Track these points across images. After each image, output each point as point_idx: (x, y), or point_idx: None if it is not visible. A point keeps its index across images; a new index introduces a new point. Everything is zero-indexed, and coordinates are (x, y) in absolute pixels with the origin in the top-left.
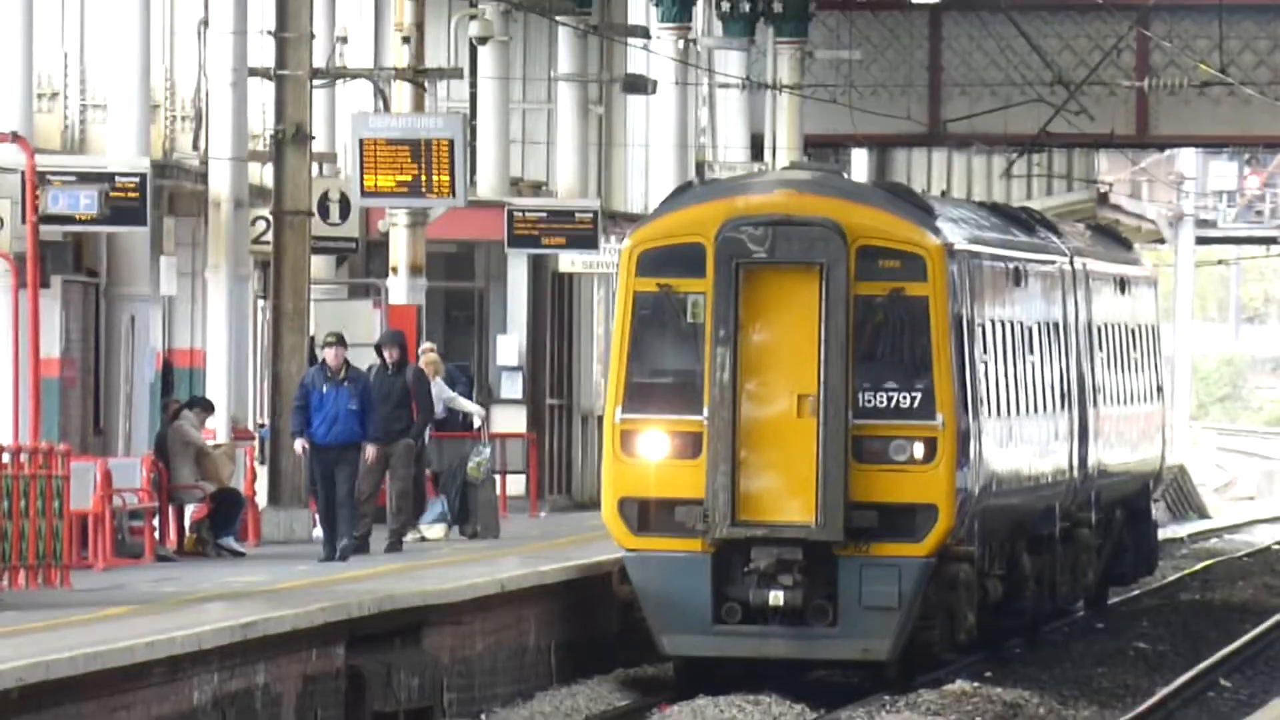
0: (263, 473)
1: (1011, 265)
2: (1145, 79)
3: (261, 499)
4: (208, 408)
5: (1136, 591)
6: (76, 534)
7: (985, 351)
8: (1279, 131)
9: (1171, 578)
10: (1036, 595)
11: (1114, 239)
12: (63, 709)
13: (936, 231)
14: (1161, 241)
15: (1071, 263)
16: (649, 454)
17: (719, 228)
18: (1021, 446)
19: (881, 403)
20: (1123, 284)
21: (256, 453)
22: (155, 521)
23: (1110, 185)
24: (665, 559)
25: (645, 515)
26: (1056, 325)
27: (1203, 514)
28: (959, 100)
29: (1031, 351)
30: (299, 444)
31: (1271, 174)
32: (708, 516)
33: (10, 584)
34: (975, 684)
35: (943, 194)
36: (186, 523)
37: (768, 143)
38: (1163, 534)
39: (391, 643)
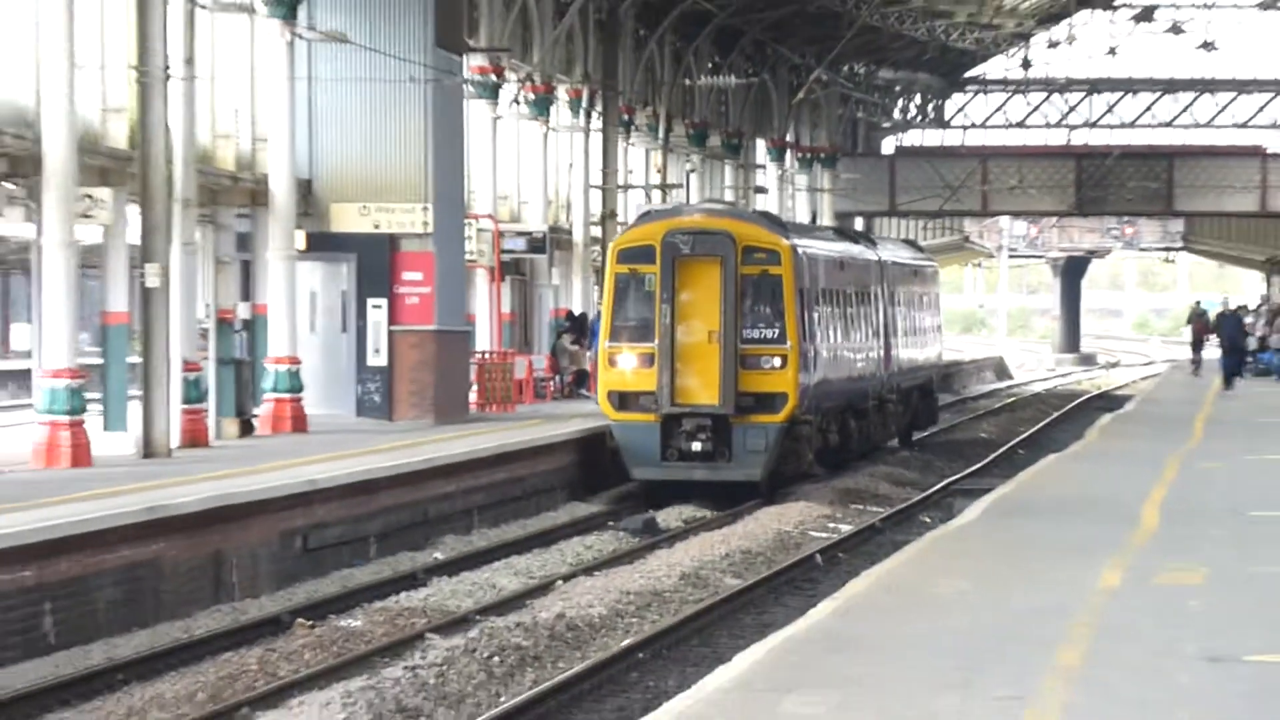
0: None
1: (835, 258)
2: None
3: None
4: (576, 330)
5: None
6: (516, 387)
7: (819, 306)
8: (1047, 207)
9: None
10: (860, 441)
11: (914, 247)
12: (503, 467)
13: (788, 238)
14: (991, 256)
15: (880, 258)
16: (625, 365)
17: (663, 235)
18: (844, 359)
19: (756, 335)
20: (915, 271)
21: (591, 352)
22: (552, 383)
23: (968, 232)
24: (635, 425)
25: (623, 401)
26: (869, 292)
27: (1009, 377)
28: (905, 194)
29: (851, 306)
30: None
31: (1042, 227)
32: (658, 401)
33: (489, 409)
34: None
35: (812, 220)
36: (564, 383)
37: (818, 213)
38: (985, 388)
39: None
